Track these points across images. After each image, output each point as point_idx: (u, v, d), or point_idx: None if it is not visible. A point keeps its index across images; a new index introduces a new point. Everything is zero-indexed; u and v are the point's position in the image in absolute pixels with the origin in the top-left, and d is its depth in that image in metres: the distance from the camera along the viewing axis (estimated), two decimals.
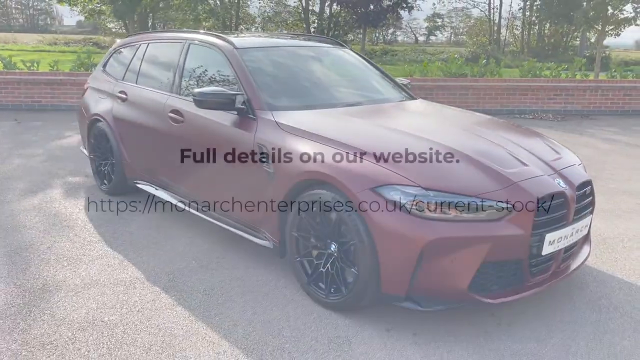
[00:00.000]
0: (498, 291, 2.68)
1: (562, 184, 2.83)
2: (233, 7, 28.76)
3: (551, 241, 2.70)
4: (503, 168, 2.79)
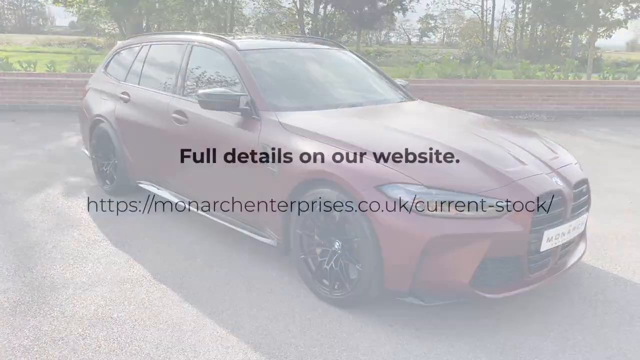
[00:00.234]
0: (498, 286, 2.76)
1: (560, 183, 2.91)
2: (227, 9, 28.79)
3: (549, 238, 2.78)
4: (503, 167, 2.87)
